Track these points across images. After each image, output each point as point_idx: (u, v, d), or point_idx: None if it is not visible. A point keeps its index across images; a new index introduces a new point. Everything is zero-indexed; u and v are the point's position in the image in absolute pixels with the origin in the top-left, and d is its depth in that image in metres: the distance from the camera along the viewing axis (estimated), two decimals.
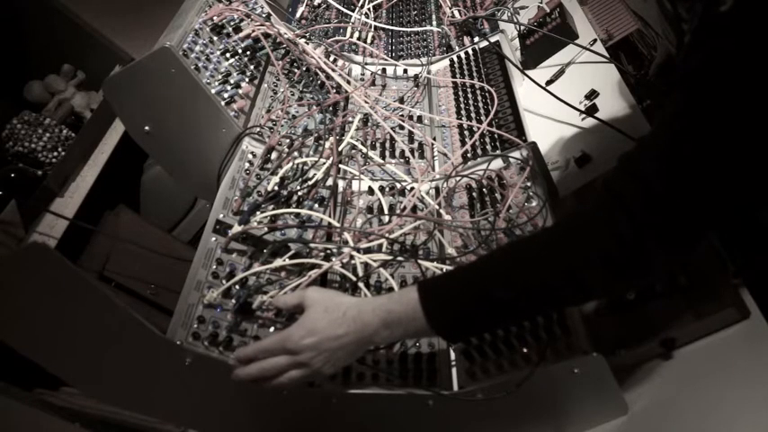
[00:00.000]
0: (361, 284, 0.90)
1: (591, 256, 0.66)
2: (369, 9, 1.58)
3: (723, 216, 0.64)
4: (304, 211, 0.99)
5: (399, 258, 0.94)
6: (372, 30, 1.54)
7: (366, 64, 1.41)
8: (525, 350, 0.80)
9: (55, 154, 1.69)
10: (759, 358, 0.76)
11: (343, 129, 1.22)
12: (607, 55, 1.24)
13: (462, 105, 1.28)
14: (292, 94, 1.28)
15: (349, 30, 1.53)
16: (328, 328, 0.74)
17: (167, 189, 1.87)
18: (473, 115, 1.24)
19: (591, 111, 1.15)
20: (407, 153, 1.17)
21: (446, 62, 1.44)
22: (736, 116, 0.58)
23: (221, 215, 0.96)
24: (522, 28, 1.43)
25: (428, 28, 1.58)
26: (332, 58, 1.38)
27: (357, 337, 0.74)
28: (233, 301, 0.85)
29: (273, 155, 1.11)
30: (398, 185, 1.10)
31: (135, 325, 0.73)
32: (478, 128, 1.18)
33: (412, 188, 1.09)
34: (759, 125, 0.58)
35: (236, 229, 0.92)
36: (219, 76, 1.17)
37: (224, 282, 0.86)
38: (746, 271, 0.82)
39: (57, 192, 1.59)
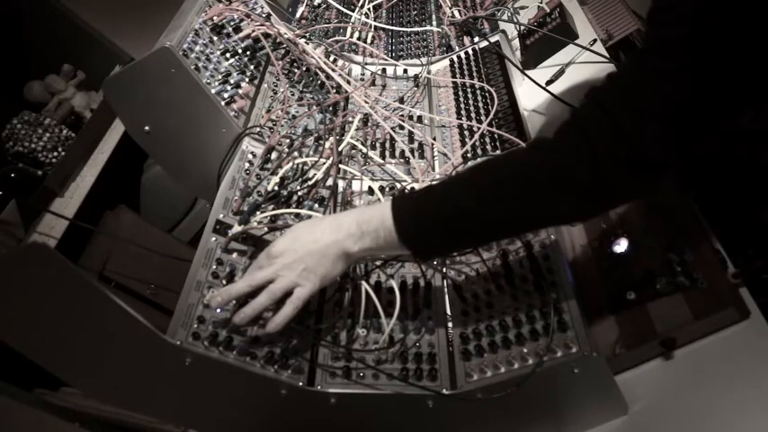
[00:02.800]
0: (361, 284, 0.90)
1: (551, 182, 0.71)
2: (369, 9, 1.58)
3: (688, 148, 0.67)
4: (304, 212, 0.99)
5: (400, 258, 0.94)
6: (372, 30, 1.55)
7: (366, 64, 1.41)
8: (525, 350, 0.80)
9: (55, 154, 1.69)
10: (759, 358, 0.76)
11: (343, 129, 1.22)
12: (607, 55, 1.24)
13: (462, 105, 1.28)
14: (292, 94, 1.28)
15: (349, 30, 1.53)
16: (305, 228, 0.82)
17: (167, 189, 1.87)
18: (473, 115, 1.24)
19: None
20: (407, 153, 1.17)
21: (446, 62, 1.44)
22: (703, 51, 0.62)
23: (221, 215, 0.96)
24: (522, 28, 1.43)
25: (428, 28, 1.58)
26: (332, 58, 1.38)
27: (333, 238, 0.78)
28: (233, 301, 0.85)
29: (273, 155, 1.11)
30: (398, 185, 1.10)
31: (135, 325, 0.73)
32: (478, 128, 1.18)
33: (412, 188, 1.09)
34: (725, 58, 0.61)
35: (236, 229, 0.92)
36: (219, 76, 1.17)
37: (224, 282, 0.86)
38: (746, 271, 0.82)
39: (57, 192, 1.58)
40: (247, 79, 1.21)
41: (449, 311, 0.91)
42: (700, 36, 0.62)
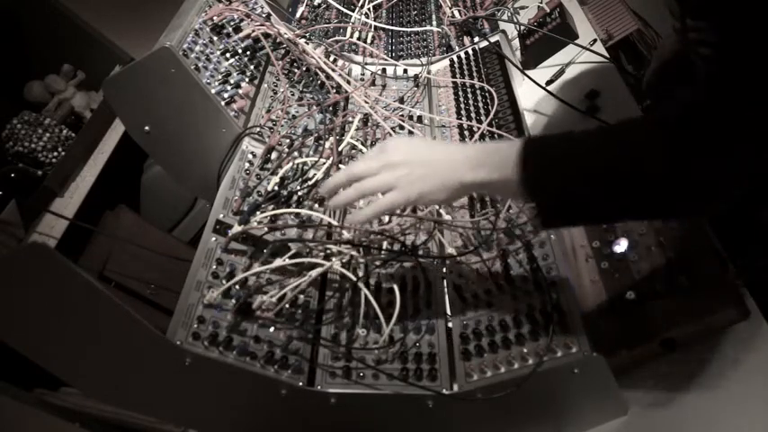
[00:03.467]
0: (361, 284, 0.90)
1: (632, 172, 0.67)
2: (369, 9, 1.58)
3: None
4: (304, 211, 0.99)
5: (400, 258, 0.94)
6: (372, 30, 1.54)
7: (366, 64, 1.41)
8: (525, 350, 0.80)
9: (55, 154, 1.69)
10: (759, 358, 0.76)
11: (343, 129, 1.22)
12: (607, 55, 1.24)
13: (462, 105, 1.28)
14: (292, 94, 1.28)
15: (349, 30, 1.53)
16: (424, 140, 0.85)
17: (167, 189, 1.87)
18: (473, 115, 1.24)
19: (591, 111, 1.15)
20: None
21: (446, 62, 1.44)
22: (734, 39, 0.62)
23: (221, 215, 0.96)
24: (522, 28, 1.43)
25: (428, 28, 1.58)
26: (332, 58, 1.38)
27: (450, 157, 0.75)
28: (233, 301, 0.85)
29: (273, 155, 1.11)
30: None
31: (135, 325, 0.73)
32: (478, 128, 1.18)
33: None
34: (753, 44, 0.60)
35: (236, 229, 0.92)
36: (219, 76, 1.17)
37: (224, 282, 0.86)
38: (746, 271, 0.82)
39: (57, 192, 1.59)
40: (247, 79, 1.21)
41: (449, 311, 0.91)
42: (729, 22, 0.62)
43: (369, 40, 1.52)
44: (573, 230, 1.00)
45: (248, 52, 1.27)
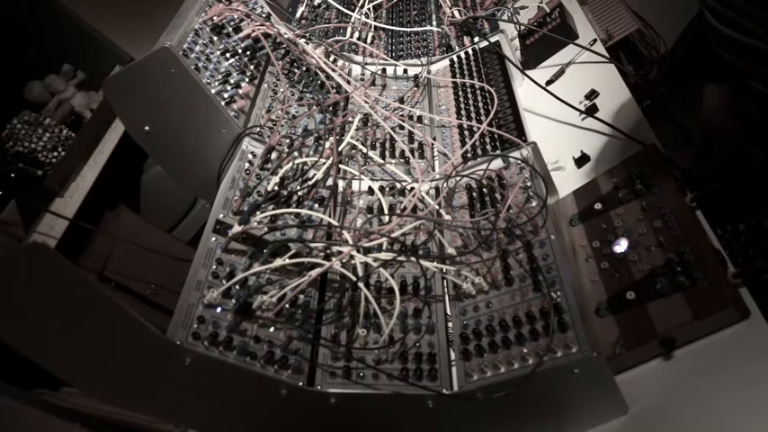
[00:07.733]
0: (360, 284, 0.90)
1: None
2: (369, 9, 1.58)
3: None
4: (304, 211, 0.99)
5: (400, 258, 0.94)
6: (372, 30, 1.55)
7: (366, 64, 1.41)
8: (525, 350, 0.80)
9: (55, 154, 1.69)
10: (759, 358, 0.76)
11: (343, 129, 1.22)
12: (607, 55, 1.24)
13: (462, 105, 1.28)
14: (292, 94, 1.28)
15: (349, 30, 1.53)
16: None
17: (167, 189, 1.87)
18: (473, 115, 1.24)
19: (591, 111, 1.15)
20: (407, 153, 1.17)
21: (446, 62, 1.44)
22: None
23: (221, 215, 0.96)
24: (522, 28, 1.43)
25: (428, 28, 1.58)
26: (332, 58, 1.38)
27: None
28: (233, 301, 0.85)
29: (273, 155, 1.11)
30: (398, 185, 1.10)
31: (135, 325, 0.73)
32: (478, 128, 1.18)
33: (412, 188, 1.09)
34: None
35: (236, 229, 0.92)
36: (219, 76, 1.18)
37: (224, 282, 0.87)
38: (746, 271, 0.82)
39: (57, 192, 1.59)
40: (247, 79, 1.21)
41: (449, 311, 0.91)
42: None
43: (369, 40, 1.52)
44: (573, 230, 1.00)
45: (248, 52, 1.27)
